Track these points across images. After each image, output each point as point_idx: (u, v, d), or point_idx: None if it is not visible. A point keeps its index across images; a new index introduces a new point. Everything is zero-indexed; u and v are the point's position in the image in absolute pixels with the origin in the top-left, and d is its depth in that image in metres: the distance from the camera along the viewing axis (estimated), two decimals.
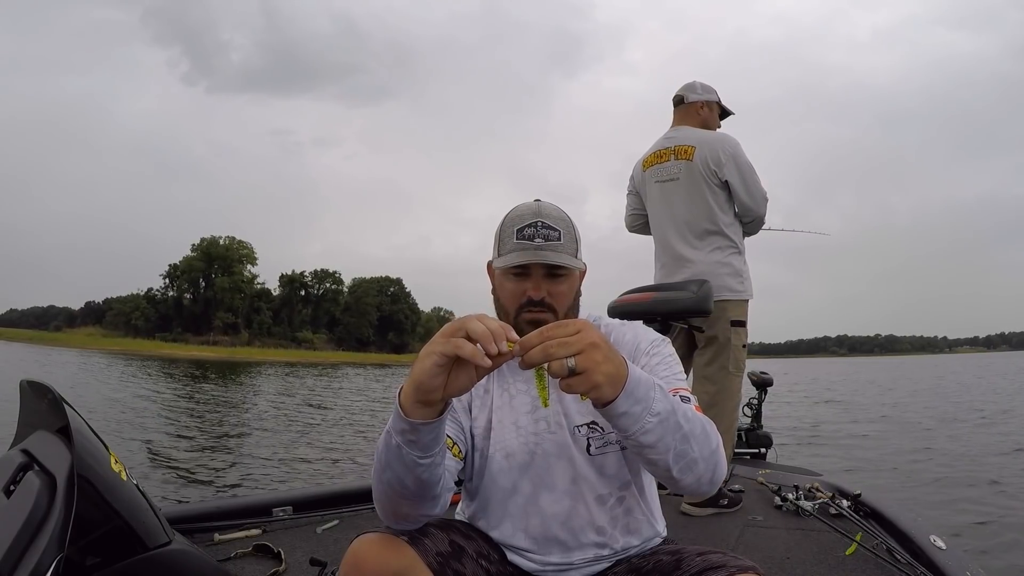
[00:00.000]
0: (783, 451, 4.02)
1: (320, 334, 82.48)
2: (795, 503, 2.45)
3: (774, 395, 5.25)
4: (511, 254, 1.10)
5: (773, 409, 12.11)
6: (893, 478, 6.21)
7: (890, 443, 8.60)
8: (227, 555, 2.03)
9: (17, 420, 1.67)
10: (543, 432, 1.13)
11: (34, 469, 1.35)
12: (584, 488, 1.12)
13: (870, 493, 2.41)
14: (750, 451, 3.71)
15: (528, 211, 1.13)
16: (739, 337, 2.71)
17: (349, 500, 2.55)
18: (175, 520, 1.96)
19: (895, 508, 2.26)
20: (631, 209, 3.10)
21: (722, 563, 0.96)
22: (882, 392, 20.55)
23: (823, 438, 9.27)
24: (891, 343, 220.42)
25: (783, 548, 2.10)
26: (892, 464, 6.99)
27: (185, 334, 73.78)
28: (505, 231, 1.14)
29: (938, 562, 1.77)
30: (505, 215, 1.16)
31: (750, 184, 2.71)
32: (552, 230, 1.10)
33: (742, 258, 2.78)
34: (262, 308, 78.16)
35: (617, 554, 1.14)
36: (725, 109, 2.95)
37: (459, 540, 1.06)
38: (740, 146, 2.74)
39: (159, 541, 1.50)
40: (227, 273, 75.12)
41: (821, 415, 12.95)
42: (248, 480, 6.14)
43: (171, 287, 78.14)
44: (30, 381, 1.62)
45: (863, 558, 1.96)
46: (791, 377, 31.27)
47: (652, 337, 1.20)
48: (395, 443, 0.89)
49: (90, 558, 1.40)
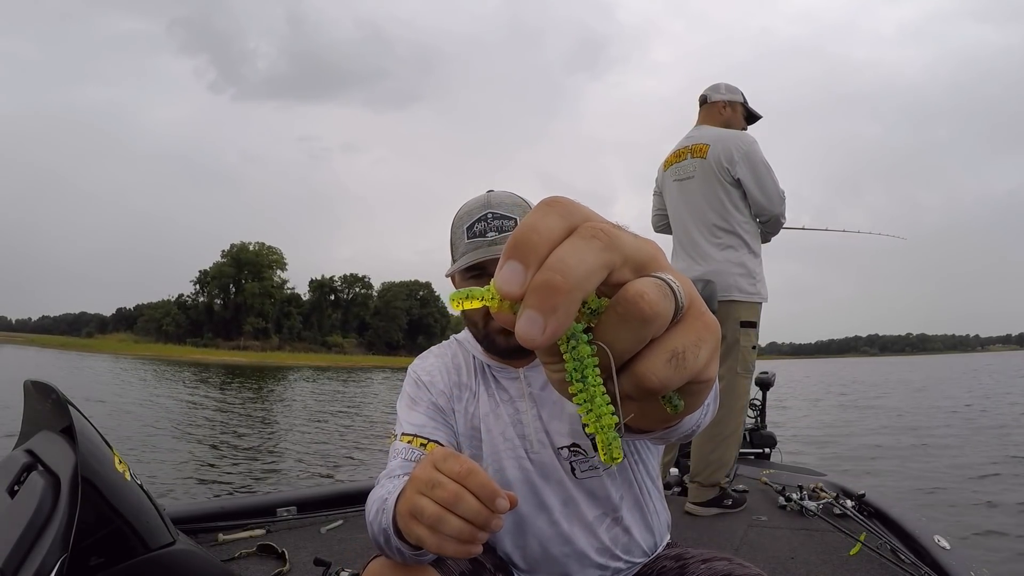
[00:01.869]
0: (787, 451, 4.01)
1: (350, 338, 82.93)
2: (799, 503, 2.45)
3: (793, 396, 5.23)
4: (464, 256, 1.01)
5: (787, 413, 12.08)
6: (896, 478, 6.18)
7: (893, 443, 8.57)
8: (231, 555, 2.03)
9: (21, 420, 1.67)
10: (529, 451, 1.06)
11: (38, 469, 1.35)
12: (577, 511, 1.06)
13: (874, 493, 2.40)
14: (754, 451, 3.71)
15: (476, 205, 1.04)
16: (748, 338, 2.69)
17: (353, 500, 2.55)
18: (179, 520, 1.97)
19: (899, 508, 2.25)
20: (656, 209, 3.10)
21: (727, 571, 0.93)
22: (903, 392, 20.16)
23: (826, 438, 9.24)
24: (922, 342, 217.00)
25: (787, 548, 2.10)
26: (895, 464, 6.97)
27: (216, 339, 74.34)
28: (455, 232, 1.04)
29: (942, 562, 1.76)
30: (454, 215, 1.07)
31: (763, 182, 2.68)
32: (506, 219, 1.01)
33: (757, 259, 2.74)
34: (292, 313, 78.81)
35: (621, 572, 1.09)
36: (752, 112, 2.92)
37: (478, 555, 1.03)
38: (756, 144, 2.71)
39: (163, 541, 1.50)
40: (257, 279, 75.73)
41: (832, 417, 12.91)
42: (252, 480, 6.16)
43: (202, 293, 78.80)
44: (34, 381, 1.63)
45: (867, 558, 1.95)
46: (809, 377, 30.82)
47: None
48: (396, 547, 0.83)
49: (94, 558, 1.40)
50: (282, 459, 7.43)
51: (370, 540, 0.92)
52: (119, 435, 8.42)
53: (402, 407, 1.10)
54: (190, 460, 7.07)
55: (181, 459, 7.04)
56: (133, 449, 7.27)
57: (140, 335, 78.22)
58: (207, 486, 5.79)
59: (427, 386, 1.11)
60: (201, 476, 6.32)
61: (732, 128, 2.83)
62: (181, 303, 78.57)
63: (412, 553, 0.82)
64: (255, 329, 74.72)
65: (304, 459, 7.40)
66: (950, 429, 9.79)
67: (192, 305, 78.15)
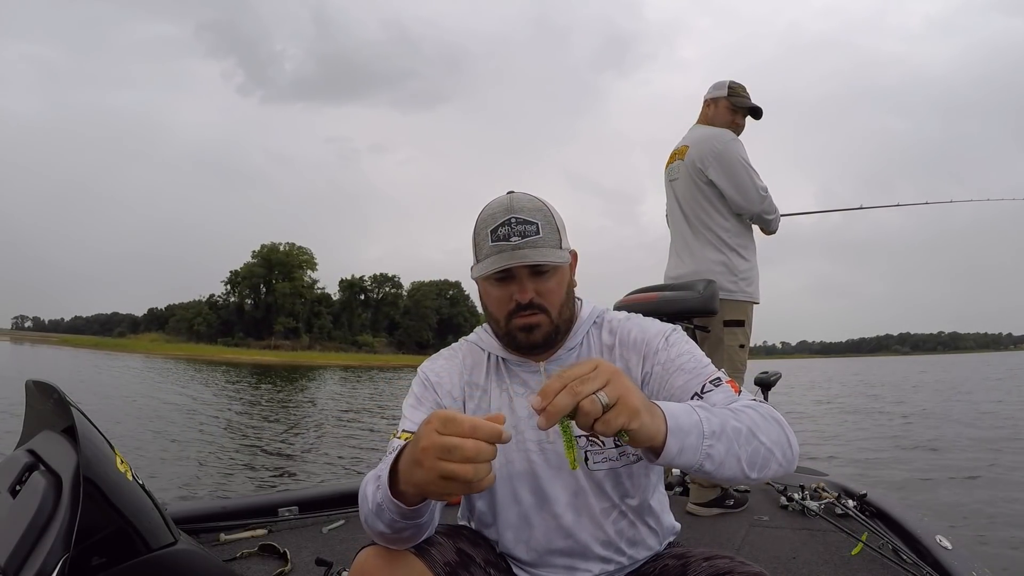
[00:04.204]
0: None
1: (380, 337, 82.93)
2: (801, 503, 2.44)
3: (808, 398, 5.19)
4: (488, 259, 1.04)
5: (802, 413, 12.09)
6: (899, 478, 6.18)
7: (897, 443, 8.56)
8: (233, 555, 2.03)
9: (23, 420, 1.68)
10: (543, 441, 1.07)
11: (40, 469, 1.35)
12: (585, 502, 1.07)
13: (876, 493, 2.40)
14: None
15: (499, 208, 1.05)
16: (734, 337, 2.69)
17: (354, 500, 2.53)
18: (181, 520, 1.97)
19: (901, 508, 2.25)
20: (666, 208, 3.13)
21: (729, 569, 0.93)
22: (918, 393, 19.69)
23: (830, 439, 9.24)
24: (954, 340, 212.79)
25: (789, 548, 2.10)
26: (898, 464, 6.96)
27: (247, 339, 74.29)
28: (479, 234, 1.06)
29: (944, 562, 1.76)
30: (478, 216, 1.09)
31: (738, 180, 2.68)
32: (528, 224, 1.03)
33: (741, 258, 2.76)
34: (322, 313, 78.72)
35: (624, 568, 1.10)
36: (743, 106, 2.86)
37: (467, 548, 1.03)
38: (733, 142, 2.71)
39: (165, 541, 1.50)
40: (287, 279, 75.79)
41: (837, 417, 12.89)
42: (254, 480, 6.16)
43: (232, 293, 78.95)
44: (36, 381, 1.63)
45: (869, 558, 1.95)
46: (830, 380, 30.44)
47: (659, 328, 1.11)
48: (389, 518, 0.86)
49: (96, 558, 1.40)
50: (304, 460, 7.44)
51: (361, 522, 0.94)
52: (136, 433, 8.46)
53: (407, 406, 1.12)
54: (211, 457, 7.10)
55: (196, 457, 7.07)
56: (139, 448, 7.28)
57: (171, 335, 78.27)
58: (223, 485, 5.81)
59: (434, 387, 1.13)
60: (225, 471, 6.36)
61: (715, 125, 2.83)
62: (212, 303, 78.59)
63: (408, 511, 0.85)
64: (286, 329, 74.70)
65: (335, 460, 7.40)
66: (961, 429, 9.75)
67: (223, 305, 78.18)
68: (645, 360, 1.08)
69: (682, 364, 1.04)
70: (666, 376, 1.05)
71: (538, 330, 1.06)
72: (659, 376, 1.06)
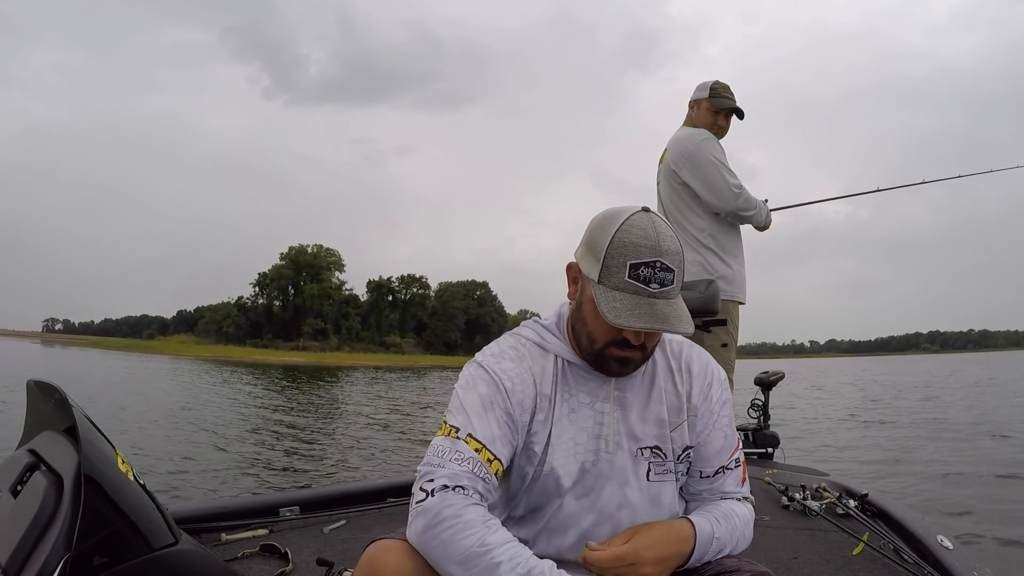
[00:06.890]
0: (794, 450, 4.00)
1: (408, 338, 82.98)
2: (802, 503, 2.44)
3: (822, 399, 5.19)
4: (621, 295, 0.97)
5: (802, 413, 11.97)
6: (900, 478, 6.17)
7: (900, 442, 8.55)
8: (234, 555, 2.03)
9: (24, 420, 1.68)
10: (600, 451, 1.06)
11: (41, 469, 1.35)
12: (630, 516, 1.06)
13: (877, 493, 2.40)
14: (757, 451, 3.69)
15: (647, 244, 0.97)
16: (714, 338, 2.71)
17: (356, 500, 2.55)
18: (182, 520, 1.97)
19: (902, 508, 2.25)
20: None
21: (736, 568, 0.96)
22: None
23: (832, 438, 9.22)
24: (985, 338, 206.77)
25: (790, 548, 2.09)
26: (900, 464, 6.95)
27: (275, 340, 74.32)
28: (615, 256, 0.97)
29: (945, 562, 1.76)
30: (612, 227, 0.99)
31: (709, 179, 2.72)
32: (668, 272, 0.97)
33: (718, 257, 2.78)
34: (350, 314, 78.80)
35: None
36: (722, 107, 2.90)
37: None
38: (706, 141, 2.75)
39: (165, 541, 1.50)
40: (315, 280, 75.86)
41: (840, 418, 12.87)
42: (255, 480, 6.17)
43: (261, 295, 78.94)
44: (37, 381, 1.63)
45: (870, 558, 1.95)
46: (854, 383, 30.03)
47: (717, 371, 1.17)
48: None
49: (97, 558, 1.41)
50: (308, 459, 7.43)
51: (411, 541, 0.93)
52: (139, 433, 8.46)
53: (472, 403, 1.03)
54: (212, 457, 7.10)
55: (196, 457, 7.07)
56: (140, 448, 7.29)
57: (200, 336, 78.41)
58: (223, 485, 5.81)
59: (508, 393, 1.05)
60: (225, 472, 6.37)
61: (697, 127, 2.86)
62: (240, 305, 78.61)
63: None
64: (314, 330, 74.71)
65: (297, 461, 7.40)
66: (962, 430, 9.73)
67: (251, 307, 78.30)
68: (701, 396, 1.14)
69: (723, 426, 1.14)
70: (708, 427, 1.14)
71: (632, 365, 1.06)
72: (704, 418, 1.14)
